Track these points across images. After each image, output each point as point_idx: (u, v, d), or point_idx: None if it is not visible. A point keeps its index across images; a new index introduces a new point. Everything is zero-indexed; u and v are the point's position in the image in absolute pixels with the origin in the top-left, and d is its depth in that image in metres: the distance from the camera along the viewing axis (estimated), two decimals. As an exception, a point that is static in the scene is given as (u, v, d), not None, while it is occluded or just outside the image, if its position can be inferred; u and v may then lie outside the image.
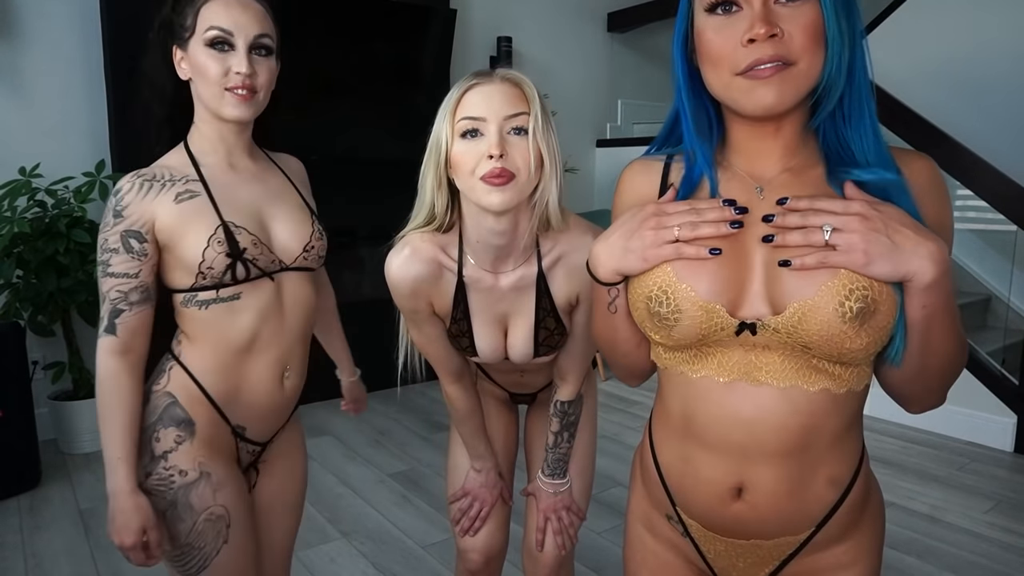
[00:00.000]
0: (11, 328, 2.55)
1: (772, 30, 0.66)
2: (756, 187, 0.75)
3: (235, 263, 1.05)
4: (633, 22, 4.63)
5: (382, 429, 3.17)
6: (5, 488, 2.51)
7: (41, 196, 2.73)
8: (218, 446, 1.11)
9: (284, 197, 1.16)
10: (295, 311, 1.14)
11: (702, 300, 0.72)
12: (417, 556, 2.15)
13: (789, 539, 0.78)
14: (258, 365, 1.12)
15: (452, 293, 1.12)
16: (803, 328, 0.69)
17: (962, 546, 2.23)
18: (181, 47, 1.07)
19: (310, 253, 1.15)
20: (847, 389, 0.74)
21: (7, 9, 2.84)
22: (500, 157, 0.97)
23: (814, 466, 0.75)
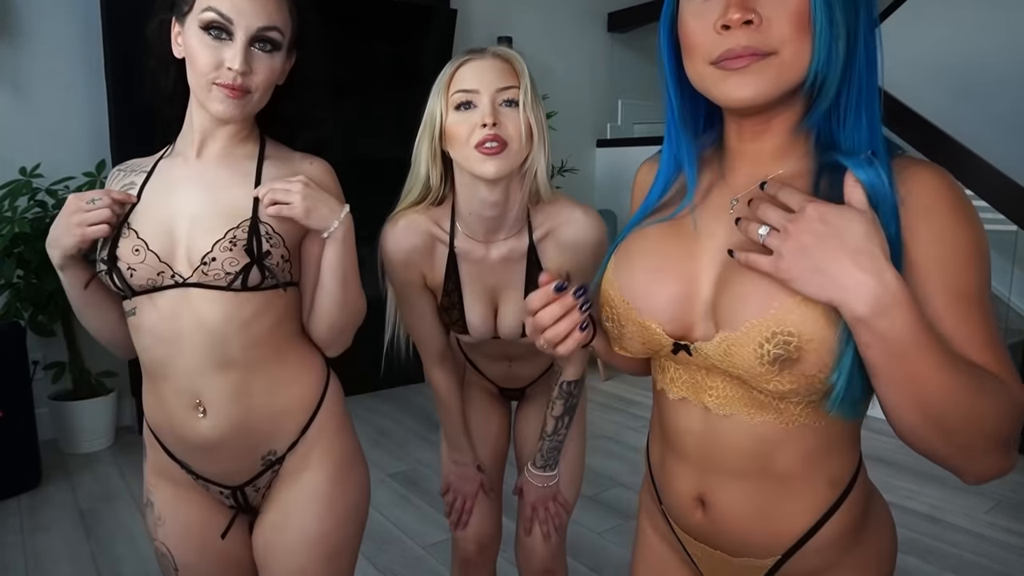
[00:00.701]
0: (11, 328, 2.55)
1: (747, 15, 0.59)
2: (733, 199, 0.69)
3: (110, 271, 0.93)
4: (633, 22, 4.62)
5: (382, 429, 3.17)
6: (5, 488, 2.51)
7: (42, 196, 2.73)
8: (165, 476, 1.03)
9: (221, 201, 0.96)
10: (195, 337, 0.94)
11: (639, 318, 0.70)
12: (417, 556, 2.15)
13: (755, 562, 0.74)
14: (166, 393, 0.98)
15: (444, 265, 1.14)
16: (730, 360, 0.64)
17: (962, 546, 2.23)
18: (179, 21, 0.94)
19: (209, 267, 0.93)
20: (798, 423, 0.67)
21: (7, 9, 2.83)
22: (493, 126, 1.01)
23: (780, 492, 0.70)
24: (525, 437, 1.43)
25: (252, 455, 1.01)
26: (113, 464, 2.81)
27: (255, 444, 1.00)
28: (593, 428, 3.23)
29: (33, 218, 2.64)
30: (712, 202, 0.71)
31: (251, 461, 1.01)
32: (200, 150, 0.98)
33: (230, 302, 0.95)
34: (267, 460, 1.02)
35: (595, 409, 3.49)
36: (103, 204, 0.92)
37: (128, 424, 3.16)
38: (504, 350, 1.30)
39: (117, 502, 2.49)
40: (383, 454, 2.92)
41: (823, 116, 0.64)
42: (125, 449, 2.95)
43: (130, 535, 2.27)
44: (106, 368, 3.01)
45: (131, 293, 0.95)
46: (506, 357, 1.33)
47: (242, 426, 0.98)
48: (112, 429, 2.99)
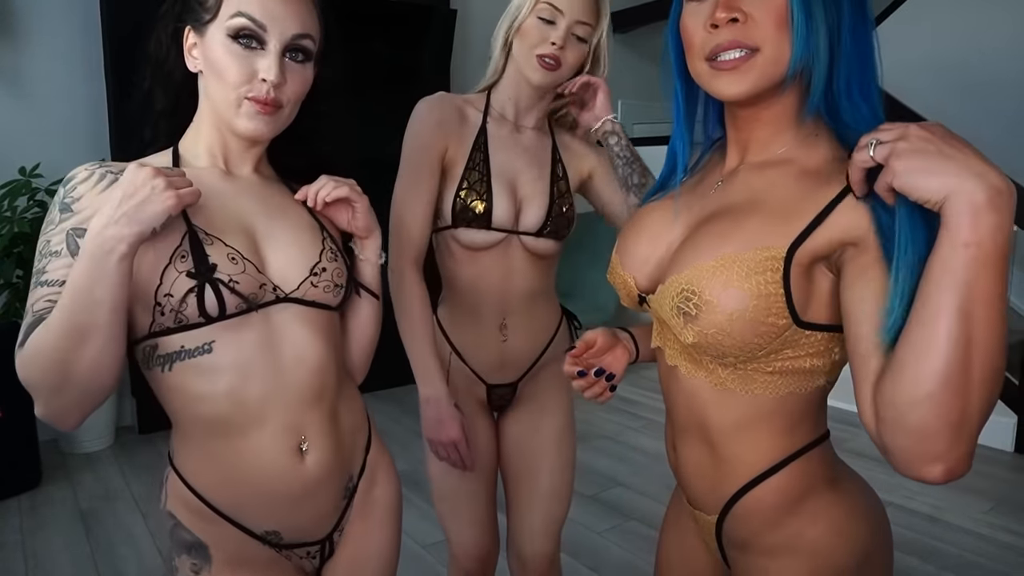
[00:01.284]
0: (11, 328, 2.54)
1: (732, 14, 0.65)
2: (718, 181, 0.77)
3: (202, 285, 0.75)
4: (633, 22, 4.63)
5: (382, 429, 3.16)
6: (5, 488, 2.51)
7: (41, 196, 2.73)
8: (245, 563, 0.86)
9: (289, 214, 0.88)
10: (298, 369, 0.83)
11: (621, 271, 0.83)
12: (417, 556, 2.15)
13: (705, 517, 0.82)
14: (258, 443, 0.82)
15: (474, 136, 1.21)
16: (663, 311, 0.74)
17: (962, 546, 2.23)
18: (196, 30, 0.83)
19: (320, 278, 0.85)
20: (725, 387, 0.73)
21: (7, 9, 2.84)
22: (560, 48, 1.14)
23: (717, 450, 0.76)
24: (513, 443, 1.37)
25: (340, 488, 0.91)
26: (113, 464, 2.82)
27: (343, 474, 0.91)
28: (593, 428, 3.23)
29: (33, 218, 2.64)
30: (702, 184, 0.81)
31: (338, 496, 0.91)
32: (229, 167, 0.88)
33: (326, 322, 0.87)
34: (348, 489, 0.93)
35: (595, 409, 3.49)
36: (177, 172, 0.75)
37: (128, 424, 3.16)
38: (503, 296, 1.23)
39: (117, 502, 2.49)
40: (383, 454, 2.92)
41: (824, 104, 0.68)
42: (125, 449, 2.95)
43: (130, 535, 2.27)
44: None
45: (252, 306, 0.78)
46: (504, 310, 1.25)
47: (338, 456, 0.89)
48: (112, 429, 2.99)
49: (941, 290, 0.55)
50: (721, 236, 0.70)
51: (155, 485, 0.91)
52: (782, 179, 0.70)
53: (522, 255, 1.24)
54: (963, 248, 0.53)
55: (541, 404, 1.35)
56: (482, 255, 1.23)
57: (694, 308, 0.68)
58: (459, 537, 1.36)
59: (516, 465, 1.38)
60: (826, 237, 0.65)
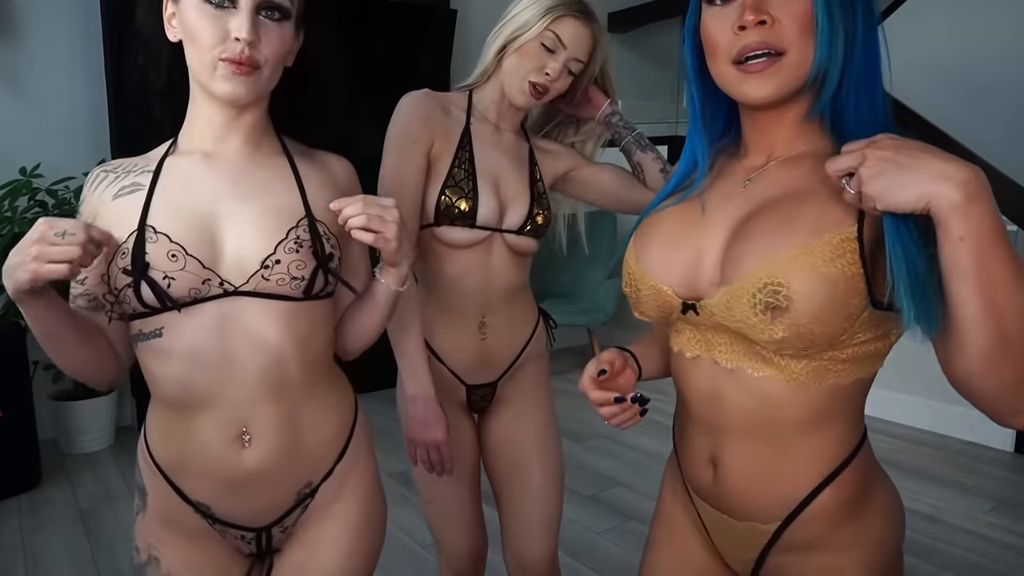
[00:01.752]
0: (11, 328, 2.55)
1: (760, 16, 0.67)
2: (746, 179, 0.77)
3: (137, 282, 0.78)
4: (633, 22, 4.62)
5: (382, 429, 3.17)
6: (5, 488, 2.51)
7: (42, 196, 2.73)
8: (177, 525, 0.89)
9: (265, 197, 0.85)
10: (251, 360, 0.82)
11: (654, 280, 0.78)
12: (417, 556, 2.15)
13: (759, 527, 0.77)
14: (200, 424, 0.84)
15: (459, 134, 1.22)
16: (731, 314, 0.70)
17: (962, 546, 2.23)
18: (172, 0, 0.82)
19: (272, 271, 0.82)
20: (799, 382, 0.71)
21: (7, 9, 2.83)
22: (552, 80, 1.18)
23: (782, 454, 0.74)
24: (498, 444, 1.36)
25: (289, 489, 0.90)
26: (113, 464, 2.81)
27: (296, 476, 0.90)
28: (593, 428, 3.23)
29: (33, 218, 2.64)
30: (722, 184, 0.79)
31: (286, 496, 0.90)
32: (216, 146, 0.87)
33: (289, 314, 0.84)
34: (302, 493, 0.91)
35: (595, 409, 3.49)
36: (75, 241, 0.71)
37: (128, 424, 3.16)
38: (484, 293, 1.23)
39: (117, 502, 2.49)
40: (383, 454, 2.90)
41: (830, 105, 0.72)
42: (125, 449, 2.95)
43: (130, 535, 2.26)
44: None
45: (172, 306, 0.79)
46: (484, 308, 1.25)
47: (290, 456, 0.87)
48: (112, 429, 2.99)
49: (956, 282, 0.58)
50: (786, 225, 0.69)
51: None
52: (819, 170, 0.69)
53: (503, 252, 1.25)
54: (960, 242, 0.57)
55: (522, 403, 1.35)
56: (463, 253, 1.22)
57: (784, 300, 0.66)
58: (448, 538, 1.37)
59: (504, 465, 1.36)
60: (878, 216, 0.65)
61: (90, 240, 0.73)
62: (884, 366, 0.77)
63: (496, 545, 1.42)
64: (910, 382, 3.26)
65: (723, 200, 0.78)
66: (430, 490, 1.35)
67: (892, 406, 3.31)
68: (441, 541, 1.39)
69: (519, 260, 1.28)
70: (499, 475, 1.37)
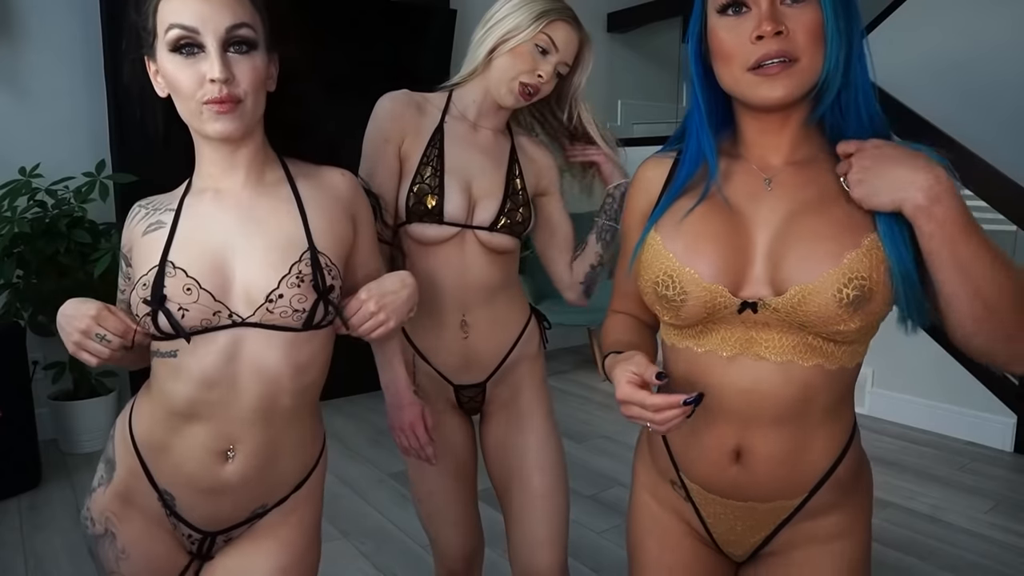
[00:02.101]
0: (11, 328, 2.55)
1: (778, 27, 0.73)
2: (765, 179, 0.82)
3: (155, 312, 0.86)
4: (633, 22, 4.62)
5: (382, 429, 3.17)
6: (5, 488, 2.51)
7: (41, 196, 2.72)
8: (136, 506, 0.95)
9: (270, 232, 0.91)
10: (251, 385, 0.89)
11: (706, 282, 0.80)
12: (417, 556, 2.15)
13: (784, 503, 0.85)
14: (192, 432, 0.91)
15: (431, 132, 1.23)
16: (802, 309, 0.76)
17: (962, 546, 2.23)
18: (151, 57, 0.88)
19: (275, 304, 0.88)
20: (839, 366, 0.80)
21: (7, 9, 2.84)
22: (541, 80, 1.19)
23: (808, 435, 0.82)
24: (497, 449, 1.35)
25: (247, 505, 0.97)
26: (113, 464, 2.82)
27: (258, 495, 0.96)
28: (593, 428, 3.23)
29: (33, 218, 2.64)
30: (738, 183, 0.84)
31: (242, 511, 0.97)
32: (223, 182, 0.93)
33: (290, 344, 0.90)
34: (255, 512, 0.98)
35: (595, 409, 3.49)
36: (110, 347, 0.84)
37: (128, 424, 3.16)
38: (461, 291, 1.23)
39: (117, 502, 2.49)
40: (383, 454, 2.92)
41: (829, 111, 0.79)
42: (125, 449, 2.95)
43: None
44: (106, 368, 3.01)
45: (183, 335, 0.86)
46: (463, 306, 1.25)
47: (261, 479, 0.94)
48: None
49: (935, 268, 0.71)
50: (838, 224, 0.77)
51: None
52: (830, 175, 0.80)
53: (477, 250, 1.24)
54: (929, 236, 0.69)
55: (519, 406, 1.33)
56: (436, 250, 1.23)
57: (869, 292, 0.74)
58: (440, 536, 1.36)
59: (503, 472, 1.34)
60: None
61: (122, 347, 0.85)
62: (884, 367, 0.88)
63: (495, 545, 1.42)
64: (910, 382, 3.26)
65: (751, 200, 0.82)
66: (422, 488, 1.35)
67: (892, 406, 3.31)
68: (434, 539, 1.38)
69: (496, 258, 1.26)
70: (500, 482, 1.36)
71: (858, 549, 0.88)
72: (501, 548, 1.44)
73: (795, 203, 0.80)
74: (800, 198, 0.80)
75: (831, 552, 0.87)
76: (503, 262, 1.28)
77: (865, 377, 3.34)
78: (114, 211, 3.07)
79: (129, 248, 0.95)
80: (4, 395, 2.47)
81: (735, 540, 0.91)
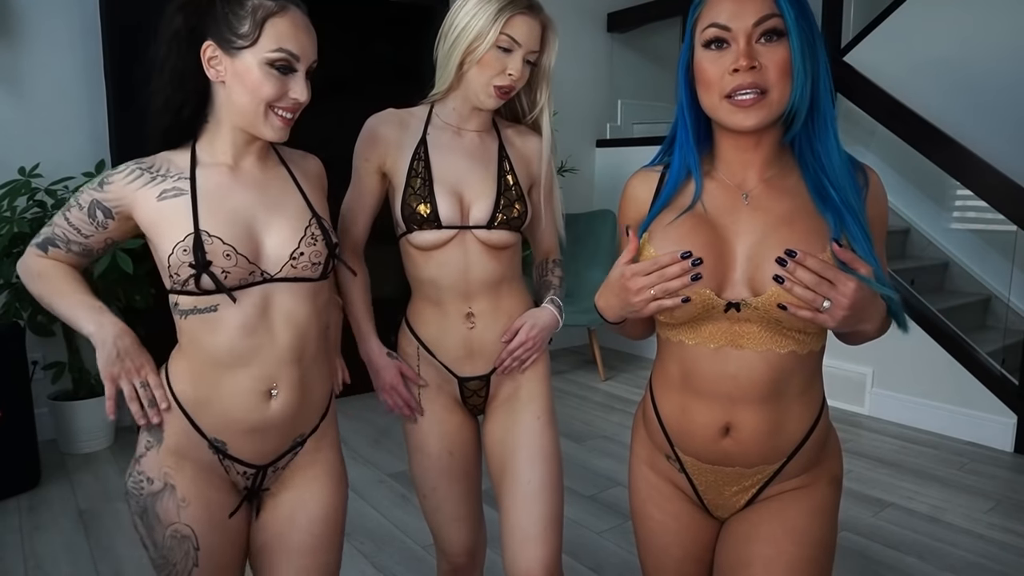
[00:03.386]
0: (11, 328, 2.55)
1: (752, 63, 0.86)
2: (743, 194, 0.95)
3: (199, 274, 0.99)
4: (633, 22, 4.62)
5: (382, 429, 3.17)
6: (5, 488, 2.51)
7: (41, 196, 2.72)
8: (189, 457, 1.06)
9: (284, 203, 1.08)
10: (285, 329, 1.05)
11: (695, 288, 0.90)
12: (417, 556, 2.15)
13: (766, 468, 1.00)
14: (236, 378, 1.04)
15: (414, 146, 1.28)
16: (778, 308, 0.88)
17: (962, 546, 2.23)
18: (226, 50, 0.99)
19: (298, 260, 1.05)
20: (808, 350, 0.96)
21: (7, 9, 2.84)
22: (513, 77, 1.22)
23: (785, 410, 0.97)
24: (494, 442, 1.35)
25: (288, 436, 1.11)
26: (113, 464, 2.82)
27: (297, 427, 1.11)
28: (593, 428, 3.23)
29: (32, 218, 2.64)
30: (718, 198, 0.96)
31: (284, 442, 1.11)
32: (237, 160, 1.07)
33: (310, 292, 1.07)
34: (295, 441, 1.13)
35: (594, 409, 3.49)
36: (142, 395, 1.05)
37: (128, 424, 3.16)
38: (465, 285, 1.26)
39: (117, 502, 2.49)
40: (383, 454, 2.92)
41: (802, 135, 0.92)
42: (125, 449, 2.95)
43: (130, 535, 2.27)
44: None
45: (229, 294, 1.01)
46: (468, 299, 1.28)
47: (298, 411, 1.09)
48: (112, 429, 2.99)
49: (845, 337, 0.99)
50: (808, 236, 0.90)
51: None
52: (802, 192, 0.94)
53: (478, 248, 1.26)
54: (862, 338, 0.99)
55: (518, 400, 1.34)
56: (438, 253, 1.26)
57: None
58: (445, 532, 1.37)
59: (498, 465, 1.34)
60: None
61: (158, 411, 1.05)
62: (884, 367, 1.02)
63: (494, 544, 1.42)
64: (910, 382, 3.26)
65: (730, 214, 0.95)
66: (426, 484, 1.36)
67: (892, 406, 3.31)
68: (437, 535, 1.40)
69: (498, 253, 1.28)
70: (495, 478, 1.35)
71: (823, 495, 1.02)
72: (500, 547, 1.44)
73: (770, 216, 0.93)
74: (774, 212, 0.93)
75: (797, 496, 1.01)
76: (505, 256, 1.30)
77: (865, 377, 3.35)
78: (114, 211, 3.07)
79: (119, 202, 1.03)
80: (3, 395, 2.47)
81: (723, 503, 1.05)
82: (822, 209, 0.90)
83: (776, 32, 0.87)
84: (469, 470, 1.38)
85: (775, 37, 0.87)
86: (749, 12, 0.87)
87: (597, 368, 4.05)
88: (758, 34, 0.87)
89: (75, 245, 1.07)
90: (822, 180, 0.91)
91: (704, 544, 1.09)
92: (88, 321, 1.03)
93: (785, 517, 1.00)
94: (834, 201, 0.90)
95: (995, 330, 3.72)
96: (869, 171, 0.96)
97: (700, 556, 1.10)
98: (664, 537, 1.10)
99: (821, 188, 0.91)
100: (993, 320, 3.83)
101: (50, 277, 1.07)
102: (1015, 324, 3.65)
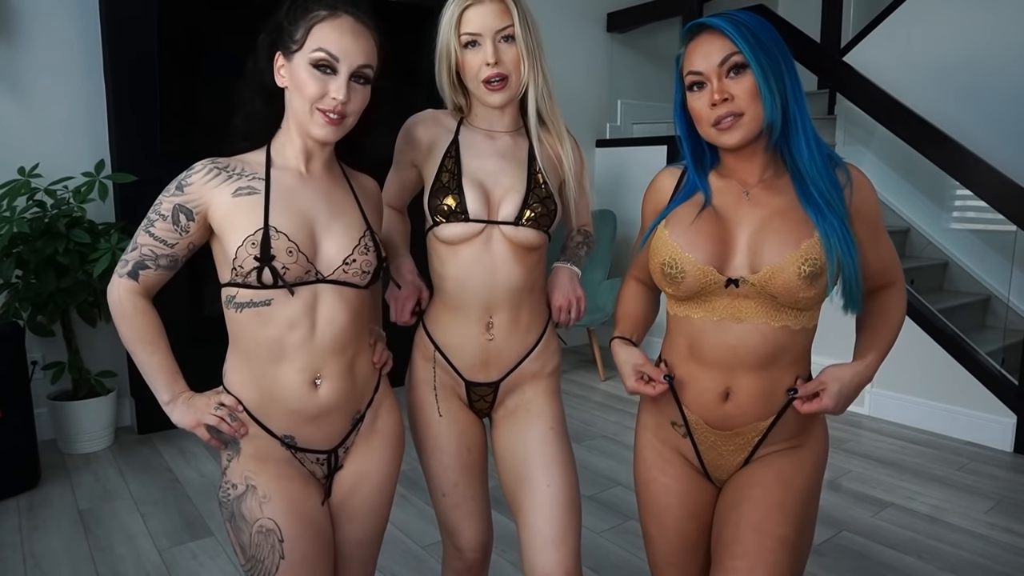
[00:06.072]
0: (11, 328, 2.55)
1: (724, 96, 1.04)
2: (744, 191, 1.14)
3: (263, 267, 1.06)
4: (633, 22, 4.62)
5: (382, 429, 3.17)
6: (5, 488, 2.51)
7: (40, 196, 2.73)
8: (267, 458, 1.14)
9: (344, 212, 1.15)
10: (326, 329, 1.12)
11: (699, 264, 1.09)
12: (417, 556, 2.15)
13: (759, 424, 1.14)
14: (285, 372, 1.12)
15: (446, 145, 1.31)
16: (772, 283, 1.06)
17: (962, 546, 2.23)
18: (285, 56, 1.09)
19: (350, 266, 1.13)
20: (801, 326, 1.11)
21: (7, 9, 2.83)
22: (496, 64, 1.24)
23: (778, 377, 1.12)
24: (506, 452, 1.35)
25: (347, 416, 1.19)
26: (112, 464, 2.82)
27: (351, 407, 1.19)
28: (593, 428, 3.23)
29: (32, 218, 2.64)
30: (725, 195, 1.14)
31: (345, 422, 1.19)
32: (306, 165, 1.14)
33: (354, 297, 1.15)
34: (355, 419, 1.21)
35: (594, 409, 3.49)
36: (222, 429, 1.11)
37: (127, 424, 3.16)
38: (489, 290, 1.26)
39: (116, 502, 2.49)
40: (383, 454, 2.92)
41: (781, 142, 1.09)
42: (124, 449, 2.95)
43: (130, 535, 2.27)
44: (105, 368, 3.01)
45: (289, 289, 1.08)
46: (491, 308, 1.28)
47: (347, 393, 1.17)
48: (111, 429, 2.99)
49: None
50: (797, 226, 1.06)
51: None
52: (791, 191, 1.10)
53: (504, 247, 1.26)
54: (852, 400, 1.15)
55: (528, 411, 1.34)
56: (464, 249, 1.26)
57: (820, 269, 1.04)
58: (463, 529, 1.37)
59: (513, 473, 1.34)
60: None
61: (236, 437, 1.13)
62: (884, 367, 1.16)
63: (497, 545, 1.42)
64: (910, 382, 3.26)
65: (733, 208, 1.12)
66: (446, 481, 1.36)
67: (892, 406, 3.32)
68: (455, 532, 1.39)
69: (523, 256, 1.27)
70: (509, 486, 1.35)
71: (810, 451, 1.17)
72: (500, 548, 1.45)
73: (767, 209, 1.09)
74: (770, 206, 1.09)
75: (786, 452, 1.16)
76: (530, 261, 1.29)
77: (865, 377, 3.34)
78: (113, 211, 3.07)
79: (198, 202, 1.09)
80: (3, 395, 2.47)
81: (722, 463, 1.19)
82: (804, 204, 1.06)
83: (739, 66, 1.04)
84: (483, 467, 1.40)
85: (740, 70, 1.04)
86: (715, 55, 1.05)
87: (597, 368, 4.05)
88: (725, 71, 1.05)
89: (163, 259, 1.11)
90: (803, 179, 1.07)
91: (703, 504, 1.22)
92: (164, 391, 1.11)
93: (775, 467, 1.14)
94: (814, 197, 1.06)
95: (995, 330, 3.72)
96: (852, 168, 1.10)
97: (699, 515, 1.22)
98: (667, 498, 1.22)
99: (803, 186, 1.07)
100: (993, 320, 3.83)
101: (134, 324, 1.11)
102: (1015, 324, 3.65)
